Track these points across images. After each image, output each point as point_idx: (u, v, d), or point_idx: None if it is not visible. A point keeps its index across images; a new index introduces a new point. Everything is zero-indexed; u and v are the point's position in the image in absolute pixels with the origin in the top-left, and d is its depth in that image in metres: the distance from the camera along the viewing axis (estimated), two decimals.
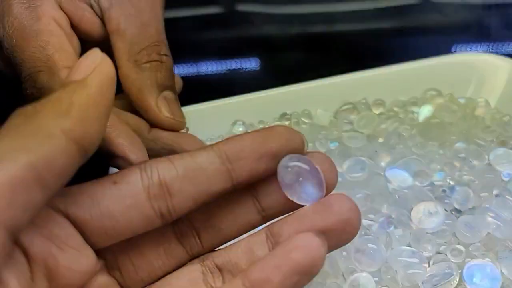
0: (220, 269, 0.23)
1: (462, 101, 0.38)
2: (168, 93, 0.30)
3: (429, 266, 0.29)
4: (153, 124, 0.30)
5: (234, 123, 0.38)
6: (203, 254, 0.23)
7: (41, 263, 0.19)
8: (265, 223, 0.23)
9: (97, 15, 0.31)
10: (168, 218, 0.21)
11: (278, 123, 0.37)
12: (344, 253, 0.30)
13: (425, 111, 0.38)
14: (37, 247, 0.19)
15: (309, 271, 0.19)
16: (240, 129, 0.38)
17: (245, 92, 0.39)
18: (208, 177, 0.21)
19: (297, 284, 0.19)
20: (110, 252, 0.22)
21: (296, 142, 0.21)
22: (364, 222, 0.31)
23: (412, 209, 0.31)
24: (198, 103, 0.38)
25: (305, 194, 0.21)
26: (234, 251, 0.23)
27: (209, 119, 0.37)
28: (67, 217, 0.20)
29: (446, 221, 0.31)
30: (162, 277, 0.23)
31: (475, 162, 0.34)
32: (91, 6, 0.31)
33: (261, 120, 0.38)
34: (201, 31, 0.57)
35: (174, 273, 0.23)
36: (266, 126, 0.35)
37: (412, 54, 0.42)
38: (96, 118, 0.19)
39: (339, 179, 0.33)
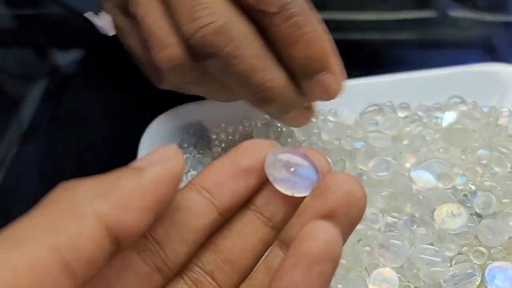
0: None
1: (485, 109, 0.39)
2: None
3: (451, 265, 0.30)
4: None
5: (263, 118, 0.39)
6: None
7: None
8: (276, 233, 0.21)
9: None
10: (166, 270, 0.20)
11: None
12: (368, 248, 0.31)
13: (448, 117, 0.38)
14: None
15: (328, 257, 0.17)
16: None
17: None
18: (189, 213, 0.20)
19: (321, 274, 0.17)
20: None
21: (265, 149, 0.21)
22: (389, 219, 0.32)
23: (435, 210, 0.32)
24: None
25: (301, 182, 0.20)
26: (255, 278, 0.21)
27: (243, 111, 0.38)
28: None
29: (469, 224, 0.32)
30: None
31: (497, 169, 0.35)
32: None
33: None
34: None
35: None
36: None
37: (426, 66, 0.43)
38: (138, 209, 0.17)
39: (364, 177, 0.35)
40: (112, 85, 0.53)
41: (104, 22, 0.32)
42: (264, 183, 0.21)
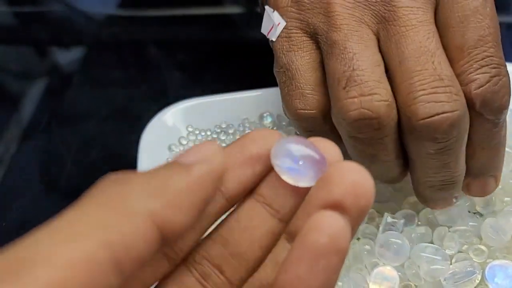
0: None
1: None
2: None
3: (451, 264, 0.30)
4: None
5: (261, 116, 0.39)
6: None
7: None
8: (284, 226, 0.21)
9: None
10: (174, 256, 0.20)
11: None
12: (368, 247, 0.31)
13: None
14: None
15: (334, 249, 0.17)
16: (269, 120, 0.39)
17: None
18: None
19: (327, 267, 0.17)
20: None
21: (272, 138, 0.20)
22: (389, 219, 0.32)
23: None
24: (231, 92, 0.39)
25: (306, 172, 0.20)
26: (263, 272, 0.21)
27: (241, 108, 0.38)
28: None
29: (471, 223, 0.32)
30: None
31: None
32: None
33: None
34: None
35: None
36: None
37: None
38: (186, 207, 0.17)
39: None
40: (112, 84, 0.53)
41: (278, 22, 0.31)
42: (271, 173, 0.21)
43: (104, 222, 0.15)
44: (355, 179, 0.18)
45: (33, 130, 0.48)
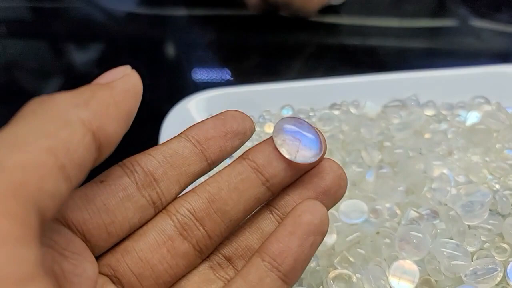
0: (229, 259, 0.23)
1: (510, 111, 0.38)
2: None
3: (472, 260, 0.29)
4: None
5: (283, 107, 0.39)
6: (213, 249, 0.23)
7: (48, 271, 0.18)
8: (270, 195, 0.23)
9: None
10: (159, 205, 0.22)
11: (327, 112, 0.38)
12: (387, 240, 0.30)
13: (472, 117, 0.38)
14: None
15: (321, 230, 0.21)
16: (289, 113, 0.38)
17: None
18: (184, 158, 0.22)
19: (313, 244, 0.21)
20: (110, 268, 0.21)
21: (248, 123, 0.23)
22: (412, 213, 0.31)
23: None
24: (252, 84, 0.39)
25: (304, 150, 0.22)
26: (242, 235, 0.23)
27: (262, 100, 0.38)
28: (66, 223, 0.20)
29: (491, 221, 0.31)
30: (172, 282, 0.22)
31: None
32: None
33: (312, 107, 0.39)
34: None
35: (184, 277, 0.23)
36: (317, 114, 0.36)
37: None
38: (115, 119, 0.18)
39: (384, 170, 0.34)
40: None
41: None
42: (268, 143, 0.23)
43: (44, 131, 0.16)
44: (341, 173, 0.23)
45: None
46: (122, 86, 0.19)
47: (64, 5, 0.66)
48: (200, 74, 0.52)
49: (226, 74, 0.51)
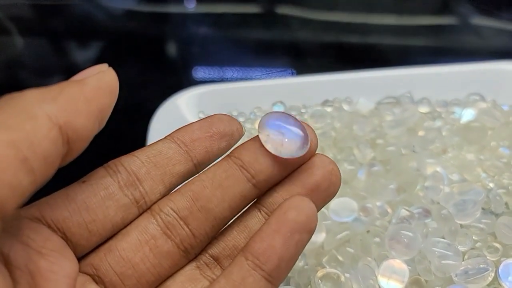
0: (216, 259, 0.23)
1: (505, 108, 0.38)
2: None
3: (463, 260, 0.29)
4: None
5: (274, 104, 0.38)
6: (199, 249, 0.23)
7: (23, 269, 0.18)
8: (257, 192, 0.23)
9: None
10: (143, 205, 0.22)
11: (319, 108, 0.37)
12: (377, 239, 0.30)
13: (467, 114, 0.37)
14: (16, 253, 0.18)
15: (307, 228, 0.20)
16: (280, 110, 0.38)
17: None
18: (169, 158, 0.22)
19: (299, 242, 0.20)
20: (92, 267, 0.21)
21: (235, 125, 0.23)
22: (403, 212, 0.31)
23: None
24: (247, 80, 0.39)
25: (290, 145, 0.22)
26: (229, 234, 0.23)
27: (254, 96, 0.37)
28: (44, 221, 0.20)
29: (484, 220, 0.31)
30: (157, 282, 0.22)
31: None
32: None
33: (304, 104, 0.38)
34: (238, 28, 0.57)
35: (170, 277, 0.22)
36: (309, 110, 0.35)
37: None
38: (85, 114, 0.18)
39: (375, 168, 0.34)
40: (121, 84, 0.53)
41: None
42: (254, 140, 0.23)
43: (6, 124, 0.16)
44: (333, 168, 0.22)
45: None
46: (95, 83, 0.19)
47: (63, 2, 0.66)
48: (198, 71, 0.52)
49: (223, 71, 0.50)
